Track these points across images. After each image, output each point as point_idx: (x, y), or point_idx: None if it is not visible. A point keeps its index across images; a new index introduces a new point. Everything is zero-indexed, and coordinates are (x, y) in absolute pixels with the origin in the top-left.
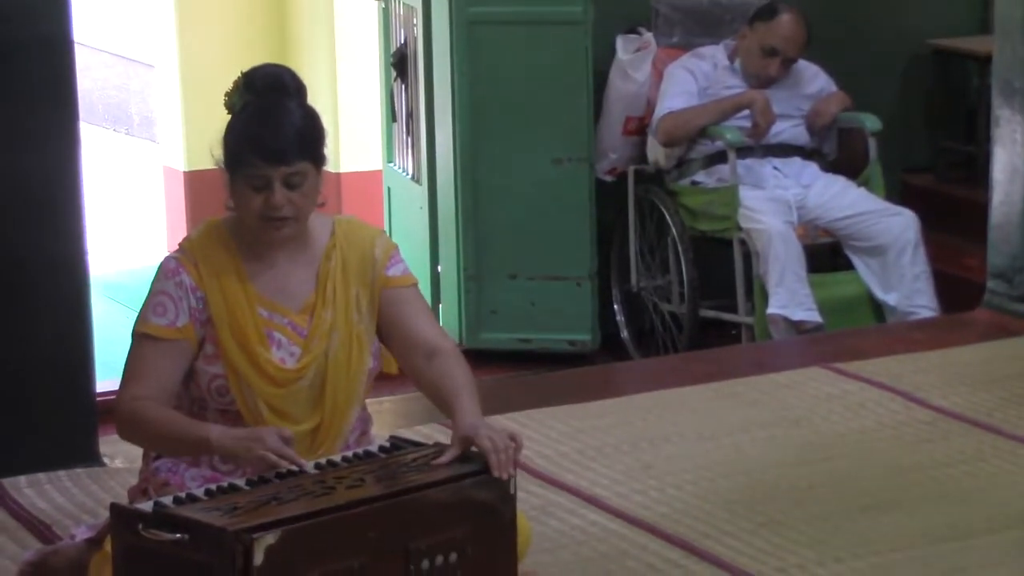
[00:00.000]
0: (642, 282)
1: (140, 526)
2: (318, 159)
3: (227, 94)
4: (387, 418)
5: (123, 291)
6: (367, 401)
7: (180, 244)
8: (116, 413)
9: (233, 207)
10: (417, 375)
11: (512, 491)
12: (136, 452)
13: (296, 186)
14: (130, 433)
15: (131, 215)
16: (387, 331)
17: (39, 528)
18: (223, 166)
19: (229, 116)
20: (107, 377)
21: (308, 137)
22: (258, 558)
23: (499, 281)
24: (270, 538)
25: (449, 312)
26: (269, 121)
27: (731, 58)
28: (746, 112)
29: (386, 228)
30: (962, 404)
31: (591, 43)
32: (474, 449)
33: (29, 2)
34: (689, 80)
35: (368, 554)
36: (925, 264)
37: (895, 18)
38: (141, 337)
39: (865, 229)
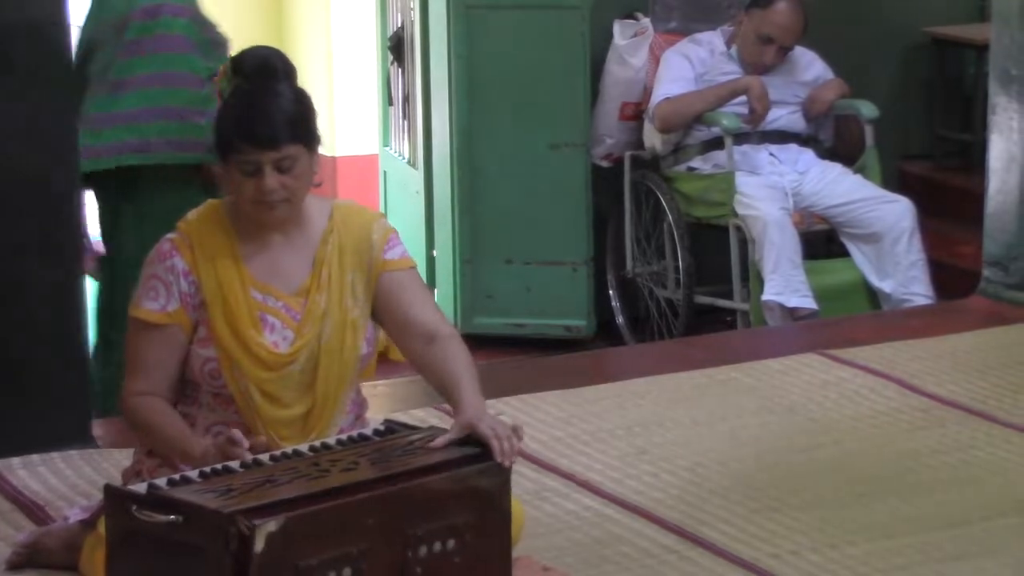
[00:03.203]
0: (638, 268)
1: (134, 508)
2: (310, 141)
3: (216, 80)
4: (382, 402)
5: None
6: (361, 384)
7: (178, 225)
8: (120, 405)
9: (228, 191)
10: (416, 359)
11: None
12: (130, 433)
13: (287, 170)
14: (131, 427)
15: None
16: (385, 315)
17: (33, 509)
18: (215, 151)
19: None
20: None
21: (298, 120)
22: (259, 545)
23: (494, 266)
24: (272, 525)
25: (444, 297)
26: (257, 106)
27: (728, 44)
28: (743, 98)
29: (382, 212)
30: (957, 391)
31: (588, 28)
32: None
33: None
34: (686, 66)
35: (367, 540)
36: (920, 252)
37: (893, 5)
38: (135, 321)
39: (861, 216)
